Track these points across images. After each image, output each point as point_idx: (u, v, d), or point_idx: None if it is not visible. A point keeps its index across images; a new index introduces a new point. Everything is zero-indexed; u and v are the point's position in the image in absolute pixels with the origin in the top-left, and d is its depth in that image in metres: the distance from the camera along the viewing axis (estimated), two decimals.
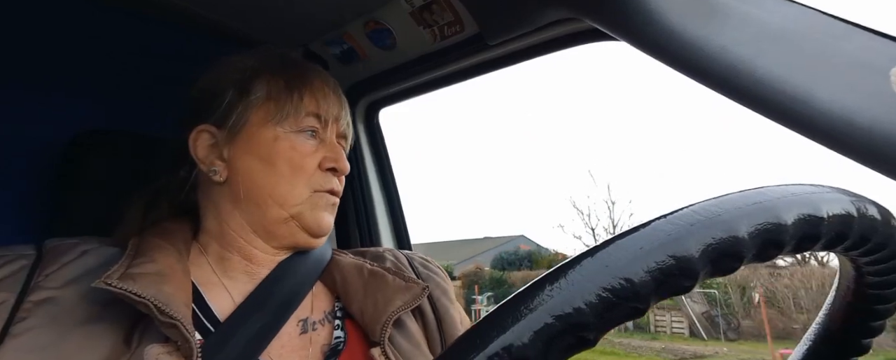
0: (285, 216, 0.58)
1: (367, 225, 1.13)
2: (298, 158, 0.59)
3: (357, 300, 0.61)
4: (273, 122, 0.59)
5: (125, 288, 0.45)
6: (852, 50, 0.44)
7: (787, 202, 0.27)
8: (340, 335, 0.59)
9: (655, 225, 0.26)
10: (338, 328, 0.60)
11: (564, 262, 0.25)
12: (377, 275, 0.64)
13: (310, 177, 0.59)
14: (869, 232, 0.29)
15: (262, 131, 0.59)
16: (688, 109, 27.17)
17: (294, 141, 0.59)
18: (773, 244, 0.26)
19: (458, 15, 0.85)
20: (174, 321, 0.45)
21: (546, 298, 0.24)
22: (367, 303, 0.60)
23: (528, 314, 0.23)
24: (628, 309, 0.24)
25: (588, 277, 0.24)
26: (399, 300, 0.60)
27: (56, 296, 0.47)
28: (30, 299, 0.47)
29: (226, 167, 0.59)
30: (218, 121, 0.60)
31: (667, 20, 0.55)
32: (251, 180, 0.58)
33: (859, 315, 0.37)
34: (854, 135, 0.42)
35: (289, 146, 0.58)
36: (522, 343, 0.23)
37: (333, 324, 0.61)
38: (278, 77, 0.61)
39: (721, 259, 0.25)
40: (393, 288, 0.62)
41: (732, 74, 0.50)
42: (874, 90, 0.42)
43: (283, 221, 0.58)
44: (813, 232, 0.27)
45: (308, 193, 0.59)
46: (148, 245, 0.53)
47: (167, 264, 0.51)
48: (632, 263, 0.24)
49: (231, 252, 0.59)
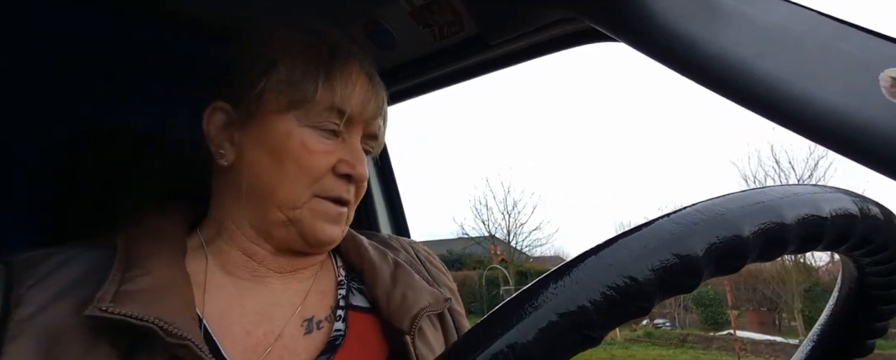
0: (284, 220, 0.53)
1: (368, 225, 1.13)
2: (308, 157, 0.52)
3: (383, 288, 0.58)
4: (289, 112, 0.53)
5: (123, 313, 0.41)
6: (850, 50, 0.45)
7: (791, 202, 0.27)
8: (341, 327, 0.56)
9: (660, 224, 0.26)
10: (339, 319, 0.56)
11: (569, 260, 0.26)
12: (403, 268, 0.61)
13: (317, 179, 0.53)
14: (871, 233, 0.29)
15: (277, 122, 0.53)
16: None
17: (307, 138, 0.53)
18: (776, 244, 0.26)
19: (458, 15, 0.85)
20: (184, 342, 0.42)
21: (551, 296, 0.24)
22: (395, 293, 0.57)
23: (533, 312, 0.23)
24: (633, 308, 0.24)
25: (593, 275, 0.24)
26: (426, 299, 0.57)
27: (44, 313, 0.43)
28: (16, 316, 0.43)
29: (234, 152, 0.55)
30: (236, 100, 0.54)
31: (666, 21, 0.55)
32: (255, 174, 0.53)
33: (862, 316, 0.37)
34: (852, 135, 0.42)
35: (300, 143, 0.52)
36: (527, 341, 0.23)
37: (336, 317, 0.57)
38: (304, 59, 0.54)
39: (725, 258, 0.25)
40: (420, 286, 0.59)
41: (731, 75, 0.50)
42: (872, 90, 0.42)
43: (281, 224, 0.53)
44: (816, 232, 0.27)
45: (308, 196, 0.53)
46: (139, 251, 0.49)
47: (164, 274, 0.47)
48: (636, 261, 0.24)
49: (232, 247, 0.55)
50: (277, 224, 0.53)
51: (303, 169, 0.52)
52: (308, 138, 0.53)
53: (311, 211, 0.53)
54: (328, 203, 0.54)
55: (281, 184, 0.52)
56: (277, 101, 0.52)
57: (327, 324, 0.56)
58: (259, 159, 0.53)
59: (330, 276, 0.62)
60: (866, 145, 0.41)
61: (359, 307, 0.59)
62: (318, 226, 0.54)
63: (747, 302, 11.01)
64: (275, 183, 0.52)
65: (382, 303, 0.57)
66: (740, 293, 10.83)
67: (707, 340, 9.82)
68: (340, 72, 0.54)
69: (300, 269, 0.58)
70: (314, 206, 0.53)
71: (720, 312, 10.66)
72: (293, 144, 0.52)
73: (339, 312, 0.57)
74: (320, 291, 0.59)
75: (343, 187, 0.54)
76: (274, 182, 0.52)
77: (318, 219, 0.54)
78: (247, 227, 0.55)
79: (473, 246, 15.59)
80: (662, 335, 10.64)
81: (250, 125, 0.54)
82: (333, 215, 0.55)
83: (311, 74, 0.53)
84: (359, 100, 0.55)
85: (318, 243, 0.55)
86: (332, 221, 0.55)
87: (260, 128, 0.53)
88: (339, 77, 0.54)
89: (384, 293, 0.57)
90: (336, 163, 0.54)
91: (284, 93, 0.52)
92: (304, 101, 0.52)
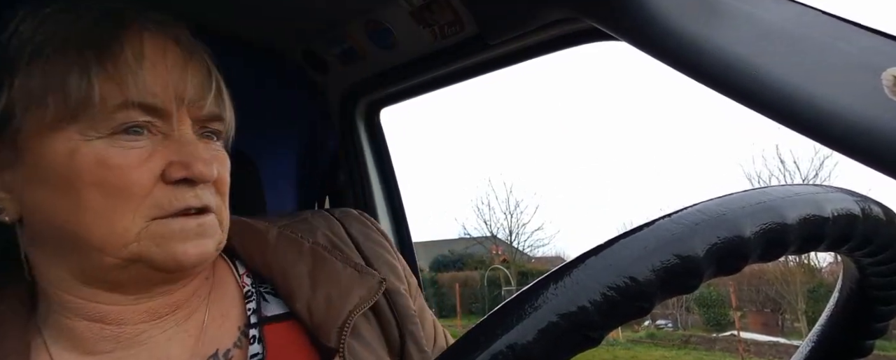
0: (118, 263, 0.39)
1: None
2: (117, 175, 0.38)
3: (303, 295, 0.46)
4: (66, 125, 0.38)
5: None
6: (852, 49, 0.44)
7: (792, 202, 0.27)
8: (257, 349, 0.46)
9: (660, 224, 0.26)
10: (253, 340, 0.46)
11: (569, 261, 0.25)
12: (322, 259, 0.49)
13: (144, 199, 0.39)
14: (873, 233, 0.29)
15: (51, 144, 0.38)
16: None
17: (105, 152, 0.38)
18: (777, 244, 0.26)
19: (458, 15, 0.85)
20: None
21: (551, 296, 0.24)
22: (317, 298, 0.46)
23: (533, 313, 0.23)
24: (633, 308, 0.24)
25: (593, 276, 0.24)
26: (357, 295, 0.46)
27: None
28: None
29: (13, 203, 0.41)
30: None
31: (666, 20, 0.55)
32: (47, 223, 0.39)
33: (863, 316, 0.37)
34: (853, 134, 0.42)
35: (95, 161, 0.38)
36: (527, 342, 0.23)
37: (249, 338, 0.46)
38: (64, 50, 0.38)
39: (726, 259, 0.25)
40: (347, 280, 0.48)
41: (732, 74, 0.50)
42: (873, 89, 0.42)
43: (121, 267, 0.40)
44: (817, 232, 0.27)
45: (140, 224, 0.39)
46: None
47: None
48: (637, 262, 0.24)
49: (74, 318, 0.41)
50: (116, 269, 0.40)
51: (115, 193, 0.38)
52: (104, 153, 0.38)
53: (155, 239, 0.39)
54: (180, 219, 0.40)
55: (92, 224, 0.38)
56: (41, 117, 0.38)
57: (238, 351, 0.46)
58: (45, 201, 0.39)
59: (228, 290, 0.50)
60: (867, 145, 0.41)
61: (275, 315, 0.48)
62: (173, 249, 0.40)
63: (750, 303, 10.98)
64: (81, 226, 0.38)
65: (303, 316, 0.46)
66: (744, 294, 10.81)
67: (710, 341, 9.81)
68: (124, 49, 0.39)
69: (178, 302, 0.45)
70: (159, 230, 0.39)
71: (723, 313, 10.64)
72: (85, 163, 0.38)
73: (251, 332, 0.47)
74: (219, 315, 0.47)
75: (186, 194, 0.40)
76: (79, 225, 0.38)
77: (174, 242, 0.40)
78: (78, 286, 0.41)
79: (475, 246, 15.61)
80: (665, 336, 10.63)
81: (18, 159, 0.40)
82: (192, 229, 0.41)
83: (78, 67, 0.38)
84: (169, 79, 0.40)
85: (182, 268, 0.41)
86: (193, 237, 0.41)
87: (30, 159, 0.39)
88: (124, 58, 0.39)
89: (304, 305, 0.46)
90: (165, 168, 0.40)
91: (44, 104, 0.38)
92: (82, 105, 0.37)
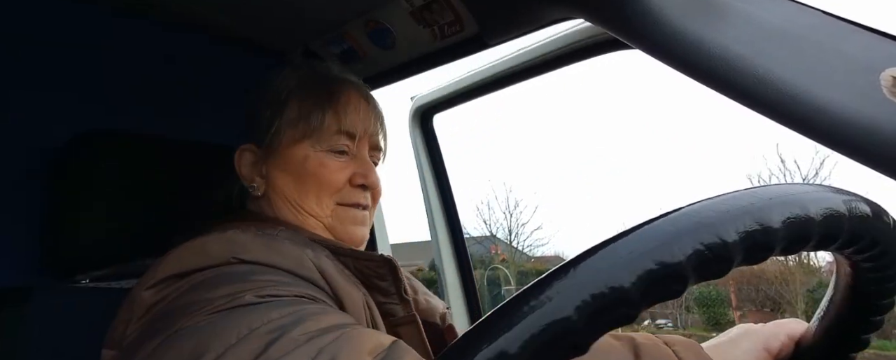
0: (321, 225, 0.64)
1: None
2: (326, 174, 0.63)
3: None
4: (304, 141, 0.64)
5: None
6: (852, 49, 0.44)
7: (777, 203, 0.27)
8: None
9: (643, 231, 0.26)
10: None
11: (554, 269, 0.25)
12: None
13: (337, 192, 0.64)
14: (860, 230, 0.29)
15: (295, 150, 0.64)
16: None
17: (323, 159, 0.64)
18: (762, 247, 0.26)
19: (458, 15, 0.85)
20: None
21: (535, 306, 0.24)
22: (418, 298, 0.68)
23: (519, 322, 0.23)
24: (618, 314, 0.24)
25: (577, 284, 0.24)
26: None
27: None
28: None
29: (264, 183, 0.65)
30: (259, 140, 0.66)
31: (667, 19, 0.55)
32: (284, 195, 0.64)
33: (858, 311, 0.37)
34: (852, 134, 0.42)
35: (318, 164, 0.63)
36: (514, 352, 0.23)
37: None
38: (310, 96, 0.65)
39: (709, 264, 0.25)
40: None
41: (733, 74, 0.50)
42: (873, 89, 0.42)
43: (322, 228, 0.64)
44: (803, 233, 0.27)
45: (332, 206, 0.64)
46: None
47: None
48: (620, 269, 0.24)
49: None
50: (318, 229, 0.64)
51: (323, 185, 0.63)
52: (324, 159, 0.64)
53: (339, 218, 0.65)
54: (351, 209, 0.65)
55: (306, 199, 0.63)
56: (292, 134, 0.64)
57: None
58: (285, 182, 0.64)
59: None
60: (865, 145, 0.41)
61: None
62: (348, 230, 0.65)
63: (750, 302, 10.96)
64: (301, 199, 0.63)
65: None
66: (743, 294, 10.79)
67: None
68: (341, 100, 0.65)
69: None
70: (339, 213, 0.65)
71: (722, 312, 10.61)
72: (311, 165, 0.63)
73: None
74: None
75: (359, 194, 0.66)
76: (300, 198, 0.63)
77: (347, 224, 0.65)
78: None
79: (474, 246, 15.60)
80: None
81: (273, 157, 0.65)
82: (360, 217, 0.66)
83: (317, 107, 0.64)
84: (361, 121, 0.66)
85: (354, 244, 0.65)
86: (357, 223, 0.66)
87: (282, 158, 0.64)
88: (341, 105, 0.65)
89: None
90: (351, 176, 0.65)
91: (297, 127, 0.64)
92: (315, 130, 0.63)
